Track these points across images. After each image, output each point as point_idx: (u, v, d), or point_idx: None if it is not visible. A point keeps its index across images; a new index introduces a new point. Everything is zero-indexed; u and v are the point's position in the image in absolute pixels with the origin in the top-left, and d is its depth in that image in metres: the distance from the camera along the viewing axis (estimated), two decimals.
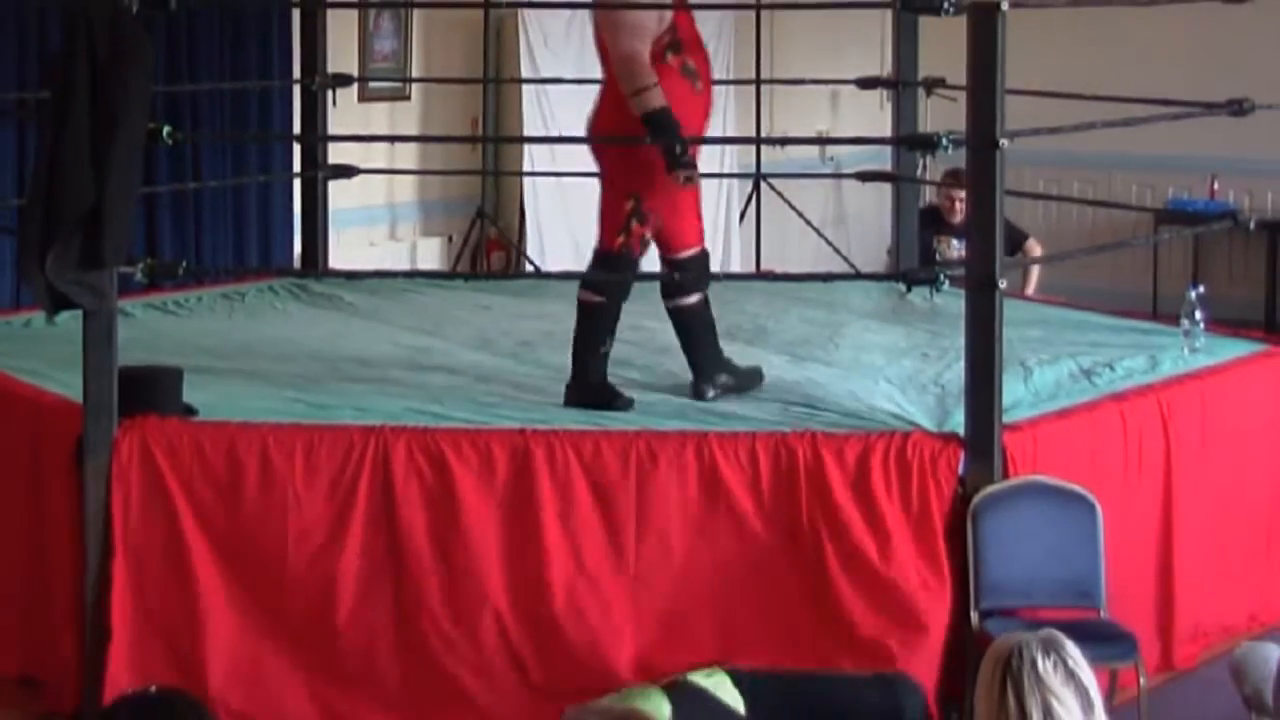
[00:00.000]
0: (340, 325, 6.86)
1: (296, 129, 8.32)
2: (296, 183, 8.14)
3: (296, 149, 8.10)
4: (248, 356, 6.20)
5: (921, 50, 7.39)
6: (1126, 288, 9.94)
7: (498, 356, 6.26)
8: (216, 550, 4.97)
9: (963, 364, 5.11)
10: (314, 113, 7.70)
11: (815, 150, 10.57)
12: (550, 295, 7.14)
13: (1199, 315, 6.16)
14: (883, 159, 8.53)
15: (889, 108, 8.06)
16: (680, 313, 5.69)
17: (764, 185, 9.63)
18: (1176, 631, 5.46)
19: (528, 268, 9.26)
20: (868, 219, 10.74)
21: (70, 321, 5.19)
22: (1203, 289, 6.35)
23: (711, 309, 5.74)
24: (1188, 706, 5.21)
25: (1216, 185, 10.32)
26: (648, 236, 5.54)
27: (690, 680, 4.00)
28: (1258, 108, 6.06)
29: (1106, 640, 4.71)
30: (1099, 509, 4.94)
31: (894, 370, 5.97)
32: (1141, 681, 4.80)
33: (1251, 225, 6.60)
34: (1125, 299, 8.77)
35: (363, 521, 4.94)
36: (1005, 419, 5.04)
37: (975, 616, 4.83)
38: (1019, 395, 5.50)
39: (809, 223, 9.76)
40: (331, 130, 7.86)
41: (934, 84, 7.45)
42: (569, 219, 9.48)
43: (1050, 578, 4.91)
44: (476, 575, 4.93)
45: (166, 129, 5.14)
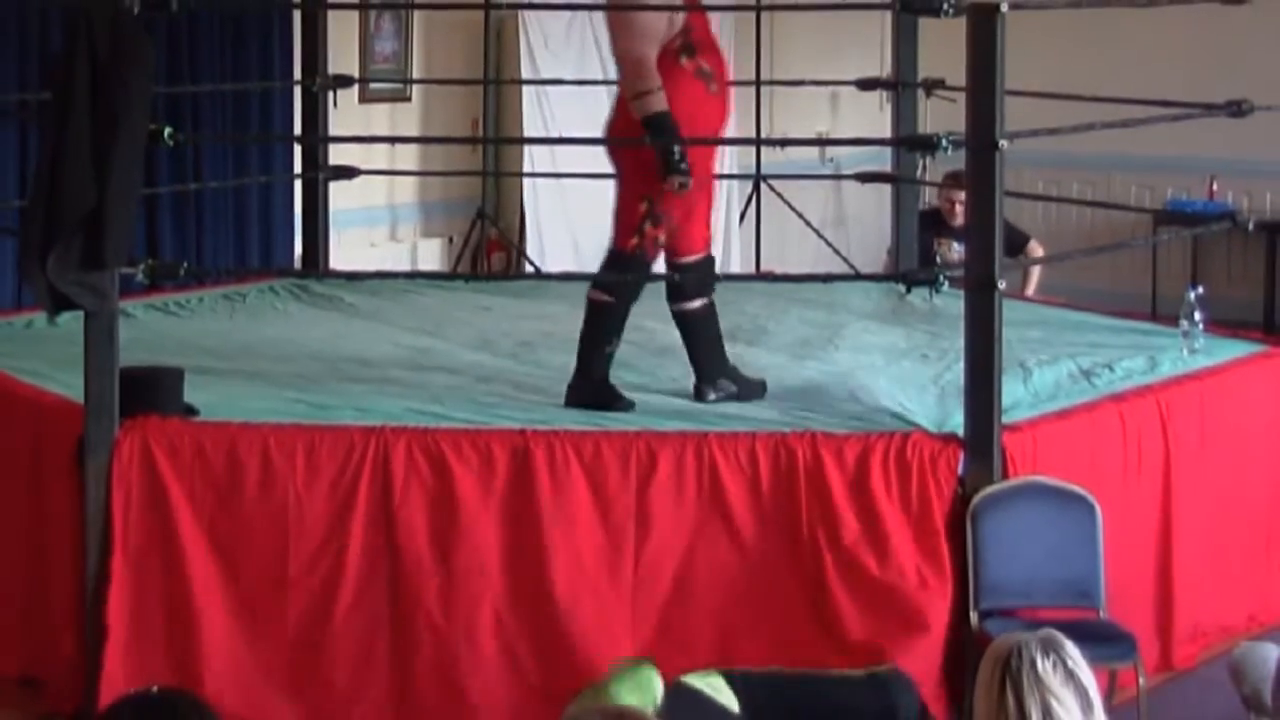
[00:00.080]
0: (341, 326, 6.86)
1: (297, 130, 8.32)
2: (297, 184, 8.14)
3: (297, 150, 8.10)
4: (249, 357, 6.20)
5: (921, 51, 7.40)
6: (1126, 289, 9.93)
7: (498, 357, 6.26)
8: (216, 550, 4.97)
9: (962, 365, 5.12)
10: (315, 114, 7.71)
11: (815, 151, 10.56)
12: (550, 296, 7.15)
13: (1198, 316, 6.16)
14: (882, 160, 8.52)
15: (889, 109, 8.06)
16: (684, 316, 5.69)
17: (764, 186, 9.63)
18: (1175, 632, 5.47)
19: (528, 268, 9.26)
20: (867, 220, 10.73)
21: (72, 322, 5.20)
22: (1202, 290, 6.35)
23: (717, 314, 5.73)
24: (1187, 706, 5.21)
25: (1215, 186, 10.31)
26: (661, 239, 5.54)
27: (685, 682, 4.00)
28: (1256, 109, 6.06)
29: (1106, 640, 4.71)
30: (1098, 509, 4.94)
31: (894, 371, 5.98)
32: (1141, 681, 4.80)
33: (1250, 226, 6.59)
34: (1124, 300, 8.77)
35: (363, 521, 4.95)
36: (1005, 419, 5.05)
37: (975, 617, 4.83)
38: (1018, 396, 5.50)
39: (809, 224, 9.76)
40: (332, 131, 7.87)
41: (934, 85, 7.45)
42: (569, 220, 9.49)
43: (1049, 578, 4.92)
44: (476, 575, 4.93)
45: (168, 130, 5.14)
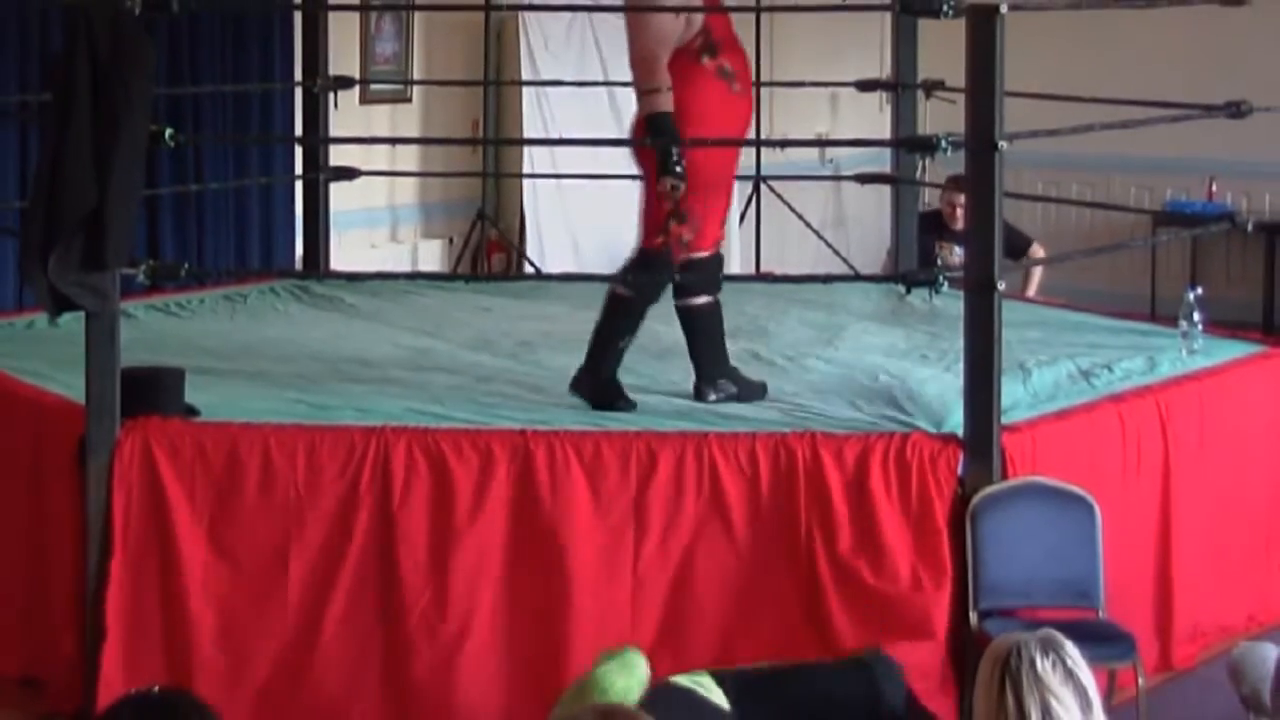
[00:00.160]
0: (341, 326, 6.87)
1: (298, 131, 8.32)
2: (298, 185, 8.14)
3: (298, 151, 8.10)
4: (249, 357, 6.21)
5: (921, 53, 7.40)
6: (1125, 289, 9.93)
7: (498, 357, 6.27)
8: (217, 550, 4.98)
9: (962, 365, 5.12)
10: (315, 115, 7.71)
11: (815, 152, 10.58)
12: (550, 297, 7.16)
13: (1197, 317, 6.17)
14: (882, 161, 8.53)
15: (888, 110, 8.07)
16: (688, 312, 5.69)
17: (764, 187, 9.63)
18: (1175, 632, 5.47)
19: (528, 269, 9.27)
20: (867, 221, 10.74)
21: (73, 323, 5.20)
22: (1201, 290, 6.35)
23: (722, 314, 5.74)
24: (1186, 706, 5.21)
25: (1214, 187, 10.31)
26: (686, 236, 5.54)
27: (675, 681, 4.00)
28: (1255, 110, 6.05)
29: (1105, 640, 4.72)
30: (1097, 510, 4.95)
31: (893, 371, 5.99)
32: (1140, 681, 4.81)
33: (1249, 227, 6.57)
34: (1123, 300, 8.77)
35: (363, 521, 4.95)
36: (1004, 420, 5.06)
37: (974, 617, 4.83)
38: (1018, 396, 5.51)
39: (809, 225, 9.76)
40: (333, 132, 7.87)
41: (933, 86, 7.45)
42: (569, 221, 9.50)
43: (1049, 578, 4.92)
44: (475, 575, 4.94)
45: (168, 131, 5.14)
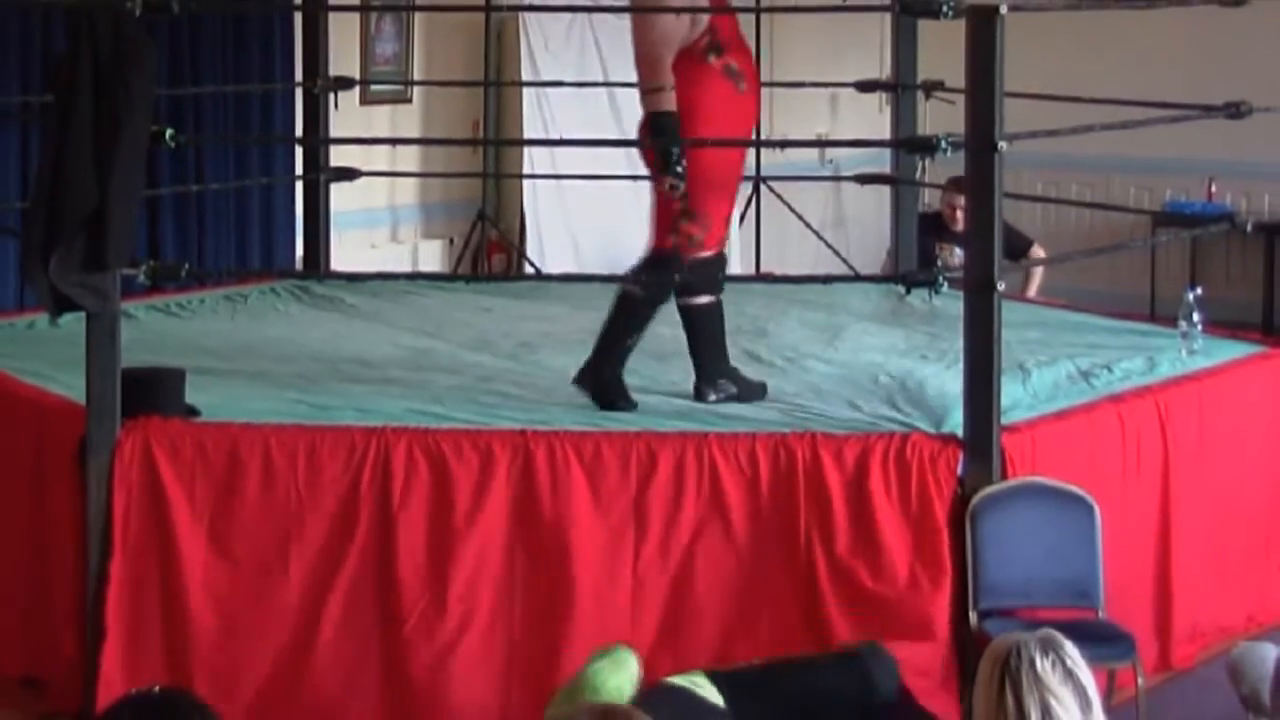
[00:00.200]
0: (342, 327, 6.87)
1: (298, 132, 8.33)
2: (298, 185, 8.14)
3: (298, 151, 8.10)
4: (250, 358, 6.21)
5: (920, 53, 7.40)
6: (1124, 290, 9.93)
7: (498, 358, 6.27)
8: (217, 550, 4.98)
9: (962, 366, 5.13)
10: (316, 115, 7.72)
11: (815, 153, 10.58)
12: (550, 297, 7.17)
13: (1196, 317, 6.17)
14: (882, 162, 8.53)
15: (888, 110, 8.07)
16: (689, 311, 5.69)
17: (764, 188, 9.64)
18: (1174, 632, 5.47)
19: (528, 270, 9.27)
20: (867, 221, 10.74)
21: (73, 323, 5.20)
22: (1200, 291, 6.35)
23: (723, 314, 5.74)
24: (1185, 706, 5.22)
25: (1214, 188, 10.31)
26: (697, 235, 5.55)
27: (669, 681, 4.01)
28: (1255, 110, 6.05)
29: (1104, 640, 4.72)
30: (1097, 510, 4.95)
31: (893, 371, 5.99)
32: (1139, 681, 4.81)
33: (1249, 227, 6.58)
34: (1123, 301, 8.78)
35: (363, 522, 4.96)
36: (1004, 420, 5.06)
37: (974, 617, 4.84)
38: (1017, 397, 5.51)
39: (808, 225, 9.76)
40: (333, 133, 7.87)
41: (933, 87, 7.46)
42: (569, 221, 9.50)
43: (1049, 578, 4.93)
44: (476, 576, 4.94)
45: (169, 132, 5.16)
